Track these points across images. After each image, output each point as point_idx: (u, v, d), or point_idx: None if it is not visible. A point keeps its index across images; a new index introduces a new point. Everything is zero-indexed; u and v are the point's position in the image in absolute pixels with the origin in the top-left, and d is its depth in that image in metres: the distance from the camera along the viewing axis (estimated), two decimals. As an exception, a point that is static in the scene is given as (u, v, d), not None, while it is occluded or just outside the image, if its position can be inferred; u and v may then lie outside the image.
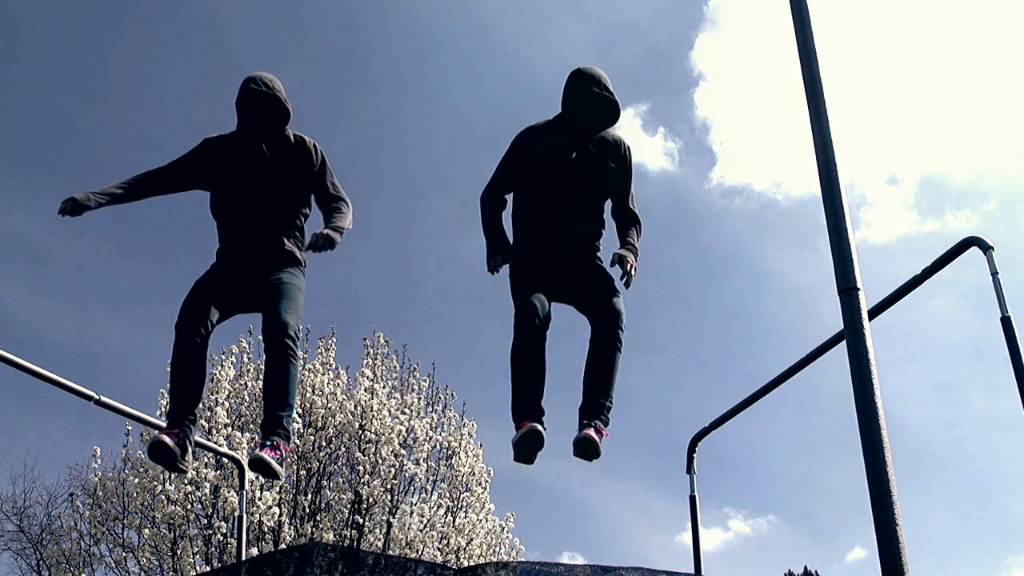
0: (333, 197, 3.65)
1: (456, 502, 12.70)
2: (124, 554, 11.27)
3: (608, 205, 3.76)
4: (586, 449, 3.28)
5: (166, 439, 3.27)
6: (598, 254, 3.70)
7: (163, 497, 10.75)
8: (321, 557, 3.24)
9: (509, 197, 3.77)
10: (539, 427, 3.26)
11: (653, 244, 3.76)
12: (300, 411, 11.78)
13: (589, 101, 3.52)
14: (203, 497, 11.01)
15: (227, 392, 11.65)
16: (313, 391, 11.90)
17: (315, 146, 3.69)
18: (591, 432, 3.28)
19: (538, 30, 22.29)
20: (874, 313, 3.99)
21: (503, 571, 3.34)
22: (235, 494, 10.49)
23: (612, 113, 3.57)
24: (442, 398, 13.33)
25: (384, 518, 11.98)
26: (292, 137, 3.67)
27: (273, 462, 3.23)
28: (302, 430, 11.69)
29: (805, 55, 2.81)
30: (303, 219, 3.73)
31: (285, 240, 3.64)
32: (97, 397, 4.38)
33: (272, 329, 3.37)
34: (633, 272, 3.48)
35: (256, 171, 3.61)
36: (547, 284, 3.51)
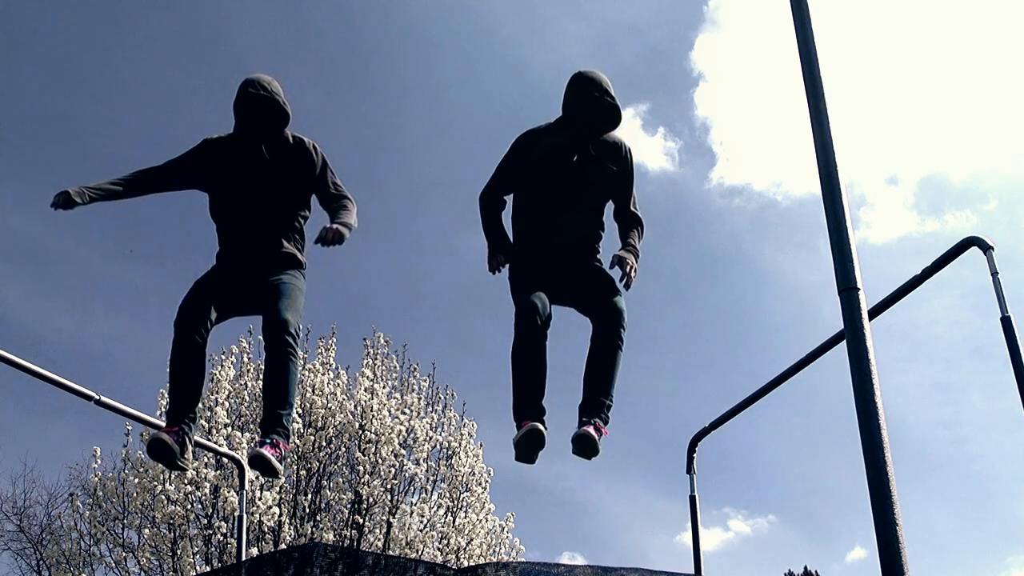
0: (336, 196, 3.65)
1: (456, 502, 12.71)
2: (124, 554, 11.28)
3: (610, 208, 3.76)
4: (585, 446, 3.28)
5: (165, 436, 3.27)
6: (598, 256, 3.69)
7: (163, 497, 10.75)
8: (321, 557, 3.25)
9: (508, 197, 3.77)
10: (540, 426, 3.26)
11: (653, 244, 3.76)
12: (300, 411, 11.78)
13: (590, 106, 3.52)
14: (203, 497, 11.02)
15: (227, 392, 11.66)
16: (313, 391, 11.90)
17: (315, 147, 3.69)
18: (590, 429, 3.28)
19: (538, 30, 22.30)
20: (874, 313, 3.98)
21: (503, 571, 3.34)
22: (235, 494, 10.49)
23: (613, 117, 3.57)
24: (442, 398, 13.36)
25: (384, 518, 11.98)
26: (291, 138, 3.67)
27: (273, 459, 3.23)
28: (302, 430, 11.69)
29: (805, 55, 2.81)
30: (303, 221, 3.73)
31: (284, 242, 3.63)
32: (97, 397, 4.38)
33: (272, 327, 3.38)
34: (633, 274, 3.48)
35: (255, 173, 3.60)
36: (548, 285, 3.51)
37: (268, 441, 3.27)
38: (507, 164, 3.70)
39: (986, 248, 3.64)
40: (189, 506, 10.94)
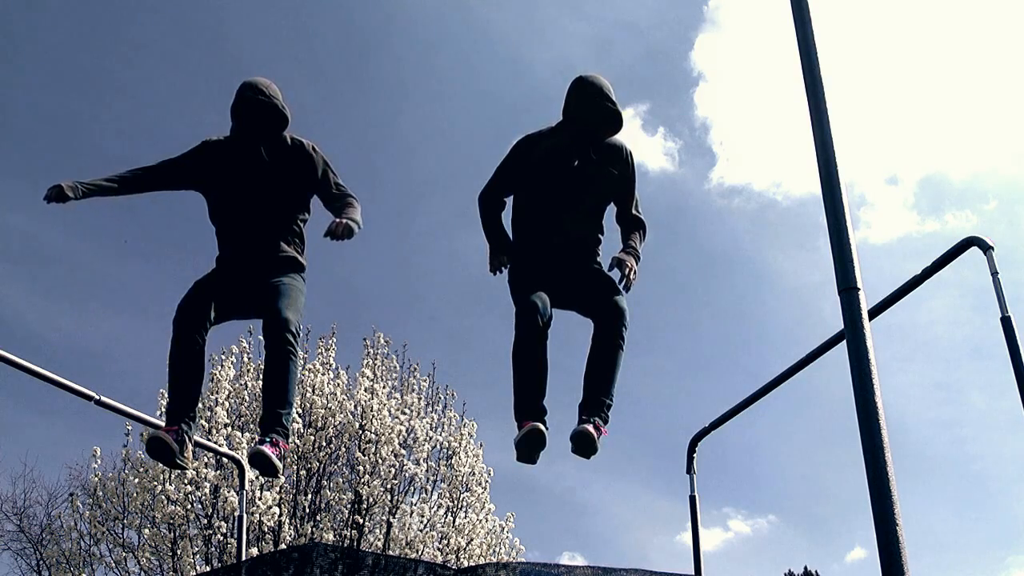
0: (339, 196, 3.63)
1: (456, 502, 12.71)
2: (124, 554, 11.28)
3: (613, 212, 3.75)
4: (583, 444, 3.27)
5: (164, 435, 3.27)
6: (598, 259, 3.68)
7: (163, 497, 10.75)
8: (321, 557, 3.25)
9: (507, 199, 3.77)
10: (541, 427, 3.26)
11: (653, 244, 3.76)
12: (300, 411, 11.78)
13: (592, 111, 3.51)
14: (203, 497, 11.01)
15: (227, 392, 11.66)
16: (313, 391, 11.90)
17: (314, 148, 3.67)
18: (589, 427, 3.27)
19: (538, 30, 22.30)
20: (874, 313, 3.98)
21: (503, 571, 3.34)
22: (235, 494, 10.49)
23: (615, 123, 3.57)
24: (442, 398, 13.36)
25: (384, 518, 11.98)
26: (290, 140, 3.66)
27: (273, 457, 3.23)
28: (302, 430, 11.69)
29: (805, 55, 2.80)
30: (302, 224, 3.72)
31: (284, 245, 3.62)
32: (97, 397, 4.38)
33: (272, 326, 3.37)
34: (632, 276, 3.47)
35: (254, 176, 3.59)
36: (548, 285, 3.50)
37: (268, 440, 3.26)
38: (507, 166, 3.70)
39: (986, 248, 3.63)
40: (189, 506, 10.94)
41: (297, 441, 11.50)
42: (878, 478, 2.22)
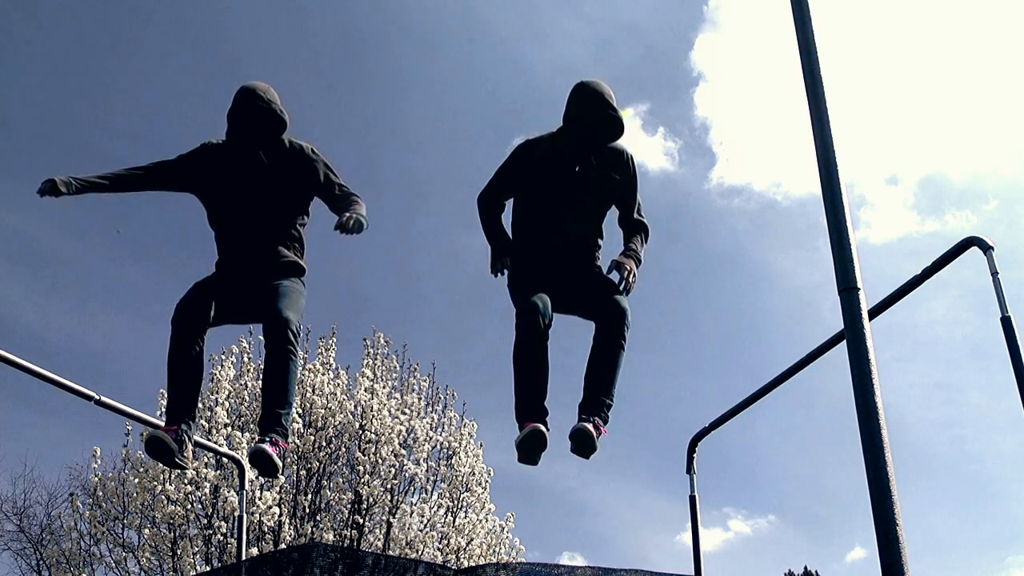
0: (344, 196, 3.62)
1: (456, 502, 12.71)
2: (124, 554, 11.28)
3: (615, 215, 3.74)
4: (582, 442, 3.26)
5: (163, 434, 3.28)
6: (597, 262, 3.68)
7: (163, 497, 10.75)
8: (321, 557, 3.24)
9: (507, 201, 3.77)
10: (542, 428, 3.25)
11: (653, 244, 3.76)
12: (300, 411, 11.79)
13: (593, 118, 3.50)
14: (203, 497, 11.01)
15: (227, 392, 11.66)
16: (313, 391, 11.90)
17: (314, 151, 3.66)
18: (588, 426, 3.27)
19: (538, 30, 22.30)
20: (874, 313, 3.98)
21: (503, 571, 3.34)
22: (235, 494, 10.49)
23: (616, 129, 3.56)
24: (442, 398, 13.37)
25: (384, 518, 11.98)
26: (289, 144, 3.65)
27: (273, 455, 3.22)
28: (302, 430, 11.70)
29: (805, 55, 2.80)
30: (302, 228, 3.71)
31: (283, 249, 3.62)
32: (97, 397, 4.37)
33: (272, 326, 3.37)
34: (631, 279, 3.46)
35: (253, 180, 3.58)
36: (549, 287, 3.50)
37: (267, 439, 3.26)
38: (507, 169, 3.69)
39: (986, 248, 3.63)
40: (189, 506, 10.94)
41: (297, 441, 11.50)
42: (878, 478, 2.22)
